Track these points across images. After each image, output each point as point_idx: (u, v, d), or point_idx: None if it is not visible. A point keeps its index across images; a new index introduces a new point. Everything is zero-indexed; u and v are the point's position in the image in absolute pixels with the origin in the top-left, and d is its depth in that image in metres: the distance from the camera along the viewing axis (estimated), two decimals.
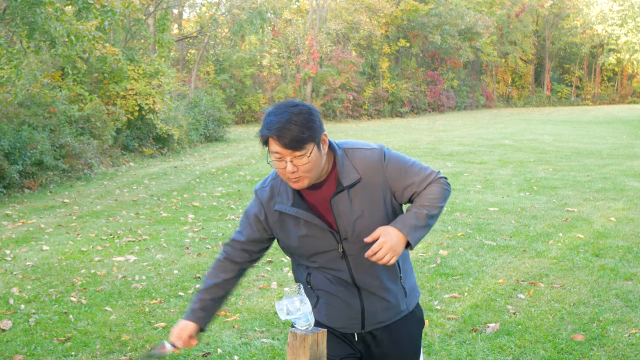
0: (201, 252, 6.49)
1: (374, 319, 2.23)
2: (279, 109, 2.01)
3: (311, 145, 1.99)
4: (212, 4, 27.45)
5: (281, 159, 2.00)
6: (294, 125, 1.95)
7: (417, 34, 35.72)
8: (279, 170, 2.04)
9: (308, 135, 1.97)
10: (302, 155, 1.98)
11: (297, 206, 2.11)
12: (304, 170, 2.01)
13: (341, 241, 2.13)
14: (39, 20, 9.82)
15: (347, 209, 2.10)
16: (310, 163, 2.00)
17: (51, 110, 12.32)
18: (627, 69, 45.57)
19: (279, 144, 1.97)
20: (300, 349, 1.86)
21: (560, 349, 3.90)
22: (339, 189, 2.09)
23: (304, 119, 1.97)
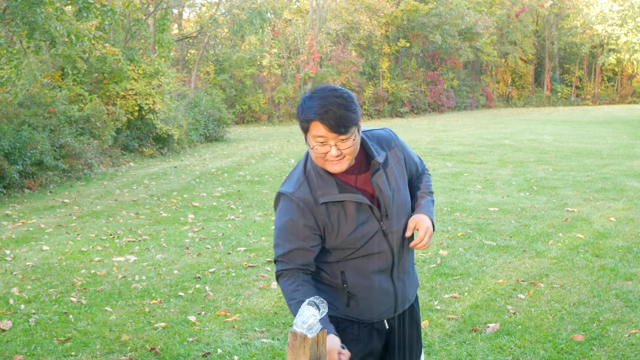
0: (201, 252, 6.49)
1: (404, 298, 2.30)
2: (321, 92, 2.00)
3: (354, 128, 2.01)
4: (212, 4, 27.46)
5: (325, 143, 1.99)
6: (339, 109, 1.96)
7: (417, 34, 35.73)
8: (320, 155, 2.02)
9: (353, 119, 1.99)
10: (347, 139, 2.00)
11: (346, 191, 2.11)
12: (347, 152, 2.02)
13: (382, 219, 2.15)
14: (39, 20, 9.82)
15: (386, 185, 2.16)
16: (353, 146, 2.03)
17: (51, 110, 12.32)
18: (627, 69, 45.57)
19: (326, 127, 1.96)
20: (300, 349, 1.86)
21: (560, 349, 3.90)
22: (375, 167, 2.14)
23: (346, 102, 1.98)
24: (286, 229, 2.11)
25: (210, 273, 5.72)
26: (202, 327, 4.44)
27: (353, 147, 2.03)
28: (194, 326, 4.45)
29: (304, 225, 2.09)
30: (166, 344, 4.15)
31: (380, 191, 2.15)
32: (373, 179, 2.14)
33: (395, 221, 2.18)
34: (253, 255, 6.32)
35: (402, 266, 2.26)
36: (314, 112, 1.96)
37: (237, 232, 7.35)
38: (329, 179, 2.10)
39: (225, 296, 5.09)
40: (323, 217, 2.10)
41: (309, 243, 2.11)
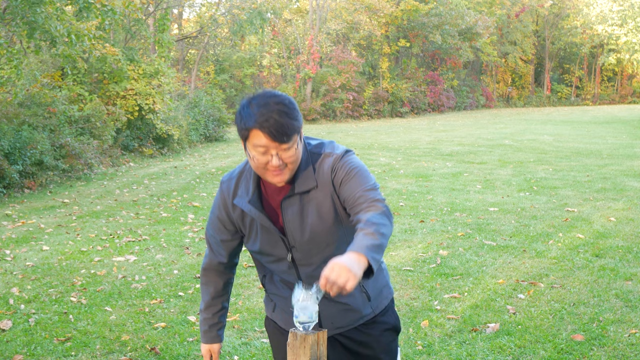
0: (201, 252, 6.49)
1: (331, 323, 2.14)
2: (260, 99, 1.86)
3: (296, 136, 1.88)
4: (212, 4, 27.46)
5: (266, 152, 1.87)
6: (280, 116, 1.83)
7: (417, 34, 35.74)
8: (260, 164, 1.90)
9: (295, 126, 1.86)
10: (290, 147, 1.87)
11: (252, 204, 2.01)
12: (289, 161, 1.90)
13: (290, 249, 2.04)
14: (40, 20, 9.82)
15: (297, 215, 1.99)
16: (296, 155, 1.90)
17: (51, 110, 12.32)
18: (627, 69, 45.59)
19: (267, 136, 1.83)
20: (300, 349, 1.86)
21: (560, 349, 3.90)
22: (291, 192, 1.98)
23: (287, 108, 1.86)
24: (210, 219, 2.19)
25: None
26: None
27: (295, 156, 1.90)
28: (194, 326, 4.46)
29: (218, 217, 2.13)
30: (166, 344, 4.15)
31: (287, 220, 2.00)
32: (283, 204, 2.00)
33: (307, 254, 2.03)
34: None
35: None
36: (254, 120, 1.84)
37: None
38: (251, 184, 2.02)
39: None
40: (236, 217, 2.09)
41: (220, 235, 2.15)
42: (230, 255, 2.21)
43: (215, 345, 2.28)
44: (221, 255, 2.20)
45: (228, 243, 2.17)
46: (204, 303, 2.27)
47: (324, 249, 2.03)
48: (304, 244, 2.02)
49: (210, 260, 2.22)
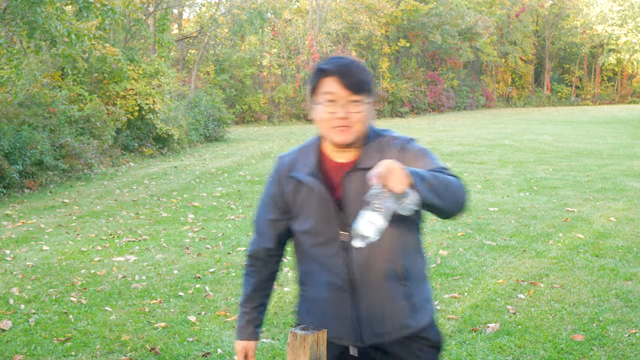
0: (201, 252, 6.49)
1: (371, 329, 2.00)
2: (339, 57, 1.92)
3: (367, 96, 1.89)
4: (212, 4, 27.47)
5: (334, 103, 1.86)
6: (356, 69, 1.88)
7: (417, 34, 35.74)
8: (326, 115, 1.87)
9: (369, 82, 1.89)
10: (358, 102, 1.87)
11: (313, 175, 1.95)
12: (355, 119, 1.86)
13: (345, 228, 1.92)
14: (40, 20, 9.82)
15: (358, 192, 1.89)
16: (362, 113, 1.88)
17: (51, 110, 12.32)
18: (627, 69, 45.60)
19: (340, 83, 1.85)
20: (300, 349, 1.86)
21: (560, 349, 3.90)
22: (355, 167, 1.93)
23: (365, 70, 1.91)
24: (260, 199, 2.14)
25: (210, 273, 5.72)
26: (202, 327, 4.44)
27: (362, 116, 1.87)
28: (194, 326, 4.46)
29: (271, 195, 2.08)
30: (166, 344, 4.15)
31: (347, 195, 1.92)
32: (345, 179, 1.93)
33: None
34: None
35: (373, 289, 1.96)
36: (330, 66, 1.87)
37: (237, 232, 7.35)
38: (313, 156, 1.98)
39: (225, 296, 5.09)
40: (289, 192, 2.01)
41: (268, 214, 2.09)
42: (277, 241, 2.11)
43: (252, 342, 2.15)
44: (268, 239, 2.11)
45: (276, 223, 2.08)
46: (244, 296, 2.17)
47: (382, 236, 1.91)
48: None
49: (255, 246, 2.14)
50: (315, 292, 2.05)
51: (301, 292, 2.13)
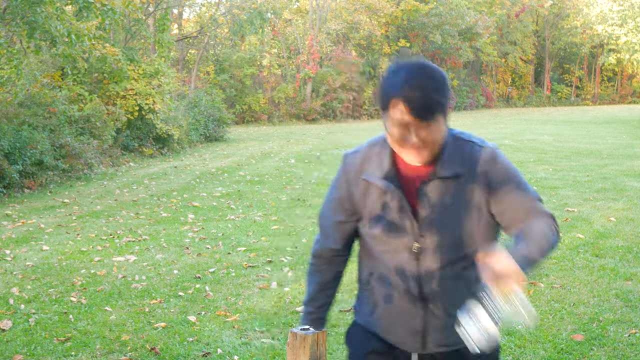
0: (201, 252, 6.49)
1: (436, 338, 1.90)
2: (409, 67, 1.69)
3: (441, 115, 1.69)
4: (212, 4, 27.47)
5: (406, 127, 1.69)
6: (428, 92, 1.66)
7: (417, 34, 35.75)
8: (399, 139, 1.72)
9: (442, 104, 1.68)
10: (431, 126, 1.68)
11: (388, 179, 1.82)
12: (427, 141, 1.70)
13: (418, 238, 1.82)
14: (40, 20, 9.82)
15: (437, 202, 1.80)
16: (436, 135, 1.71)
17: (51, 110, 12.32)
18: (627, 69, 45.61)
19: (407, 110, 1.65)
20: (300, 349, 1.86)
21: (560, 349, 3.90)
22: (434, 176, 1.79)
23: (437, 83, 1.68)
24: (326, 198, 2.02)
25: (210, 273, 5.72)
26: (202, 327, 4.44)
27: (436, 137, 1.71)
28: (194, 326, 4.45)
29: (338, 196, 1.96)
30: (166, 344, 4.15)
31: (424, 205, 1.81)
32: (423, 188, 1.80)
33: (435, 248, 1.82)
34: (253, 255, 6.32)
35: (445, 299, 1.86)
36: (399, 89, 1.66)
37: (237, 232, 7.36)
38: (387, 158, 1.84)
39: (225, 296, 5.09)
40: (359, 193, 1.90)
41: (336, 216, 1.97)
42: (344, 242, 2.01)
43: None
44: (334, 241, 2.00)
45: (343, 226, 1.97)
46: (308, 295, 2.06)
47: (455, 247, 1.82)
48: (436, 234, 1.81)
49: (321, 246, 2.04)
50: (383, 296, 1.94)
51: (364, 292, 2.01)
